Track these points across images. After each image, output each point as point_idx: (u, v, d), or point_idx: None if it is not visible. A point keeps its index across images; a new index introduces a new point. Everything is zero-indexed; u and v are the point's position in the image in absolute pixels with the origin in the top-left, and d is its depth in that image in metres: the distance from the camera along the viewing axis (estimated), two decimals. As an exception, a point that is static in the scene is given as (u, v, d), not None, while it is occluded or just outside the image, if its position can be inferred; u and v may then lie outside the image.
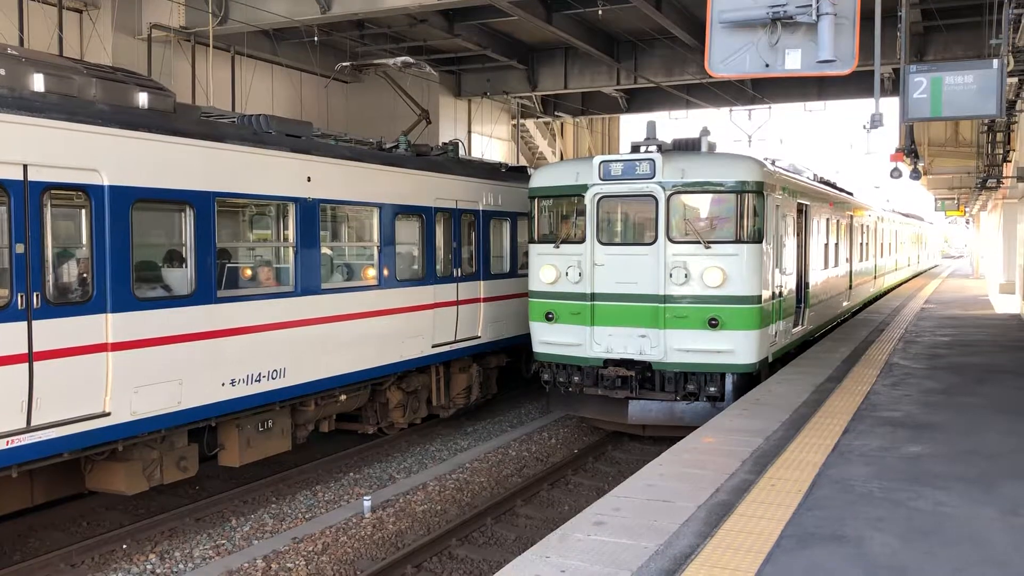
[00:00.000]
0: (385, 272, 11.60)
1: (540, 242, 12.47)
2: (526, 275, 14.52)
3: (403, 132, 13.37)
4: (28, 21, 15.65)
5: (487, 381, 14.59)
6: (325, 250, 10.99)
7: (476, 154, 25.13)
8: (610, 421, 12.51)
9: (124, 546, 8.69)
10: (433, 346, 12.59)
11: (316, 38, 19.94)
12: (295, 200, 10.09)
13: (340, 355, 10.79)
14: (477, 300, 13.82)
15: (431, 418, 13.65)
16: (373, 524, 9.37)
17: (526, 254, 14.82)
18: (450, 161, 13.60)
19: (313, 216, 10.31)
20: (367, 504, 9.67)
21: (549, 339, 12.27)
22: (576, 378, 12.09)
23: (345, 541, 8.89)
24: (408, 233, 12.38)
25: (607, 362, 11.77)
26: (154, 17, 18.18)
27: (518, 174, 15.90)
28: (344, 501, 10.23)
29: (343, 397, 11.13)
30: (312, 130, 10.94)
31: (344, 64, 13.80)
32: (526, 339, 14.64)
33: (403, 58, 13.35)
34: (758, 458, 7.55)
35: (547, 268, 12.21)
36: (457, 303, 13.21)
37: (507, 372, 15.68)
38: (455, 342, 13.16)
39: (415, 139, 13.80)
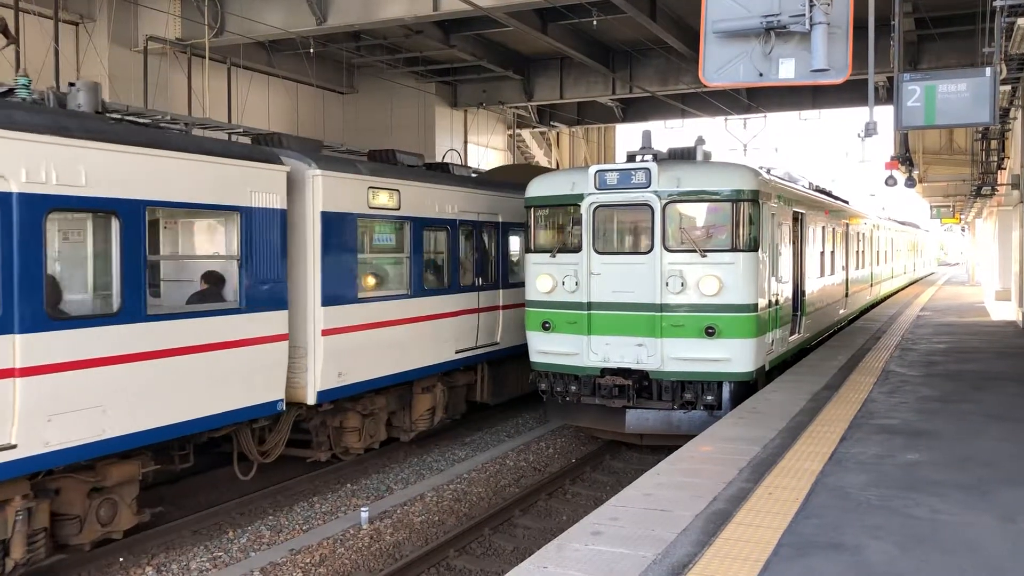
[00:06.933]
0: None
1: (537, 252, 12.48)
2: (267, 311, 9.52)
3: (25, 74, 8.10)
4: (24, 34, 15.67)
5: (122, 502, 8.40)
6: None
7: (472, 165, 25.16)
8: (607, 430, 12.50)
9: (121, 559, 8.66)
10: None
11: (312, 49, 20.01)
12: None
13: None
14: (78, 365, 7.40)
15: None
16: (371, 535, 9.35)
17: (216, 276, 9.34)
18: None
19: None
20: (364, 515, 9.65)
21: (546, 348, 12.27)
22: (573, 387, 12.08)
23: (343, 552, 8.87)
24: None
25: (604, 371, 11.77)
26: (150, 29, 18.25)
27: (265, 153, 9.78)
28: (341, 512, 10.20)
29: None
30: None
31: None
32: (240, 413, 9.22)
33: None
34: (755, 467, 7.55)
35: (544, 277, 12.22)
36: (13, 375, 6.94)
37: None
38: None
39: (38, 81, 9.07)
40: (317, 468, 11.30)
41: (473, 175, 15.12)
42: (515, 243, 14.99)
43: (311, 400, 10.30)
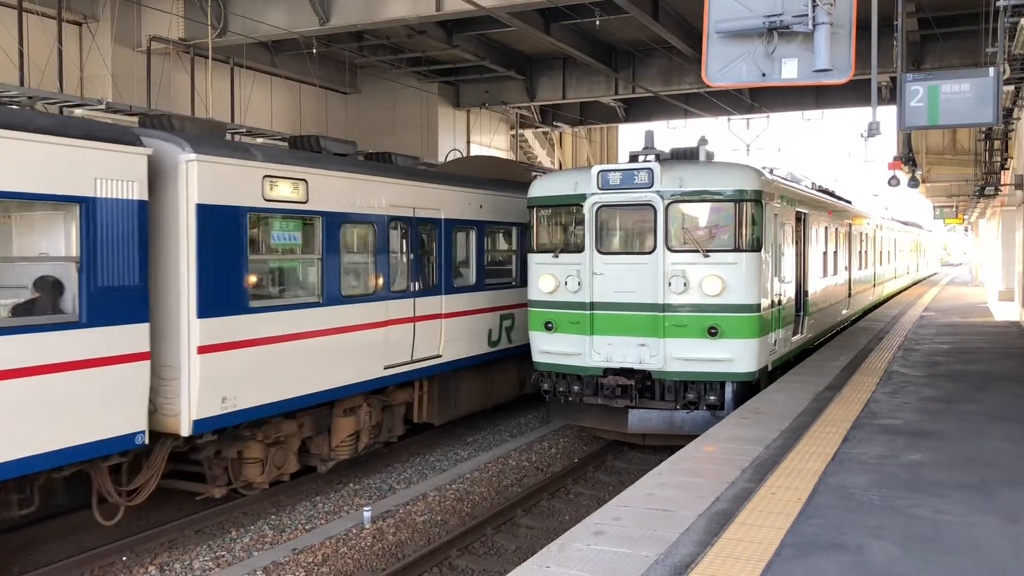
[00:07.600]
0: None
1: (539, 251, 12.48)
2: None
3: None
4: (28, 34, 15.71)
5: None
6: None
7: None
8: (610, 430, 12.50)
9: (124, 558, 8.68)
10: None
11: (315, 50, 20.03)
12: None
13: None
14: None
15: None
16: (373, 535, 9.35)
17: None
18: None
19: None
20: (367, 515, 9.65)
21: (548, 348, 12.27)
22: (576, 387, 12.08)
23: (345, 552, 8.88)
24: None
25: (607, 371, 11.77)
26: (153, 29, 18.28)
27: None
28: (344, 512, 10.21)
29: None
30: None
31: None
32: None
33: None
34: (758, 467, 7.55)
35: (546, 277, 12.22)
36: None
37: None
38: None
39: None
40: (211, 505, 9.76)
41: (422, 167, 13.67)
42: (461, 242, 13.46)
43: (185, 431, 8.53)
